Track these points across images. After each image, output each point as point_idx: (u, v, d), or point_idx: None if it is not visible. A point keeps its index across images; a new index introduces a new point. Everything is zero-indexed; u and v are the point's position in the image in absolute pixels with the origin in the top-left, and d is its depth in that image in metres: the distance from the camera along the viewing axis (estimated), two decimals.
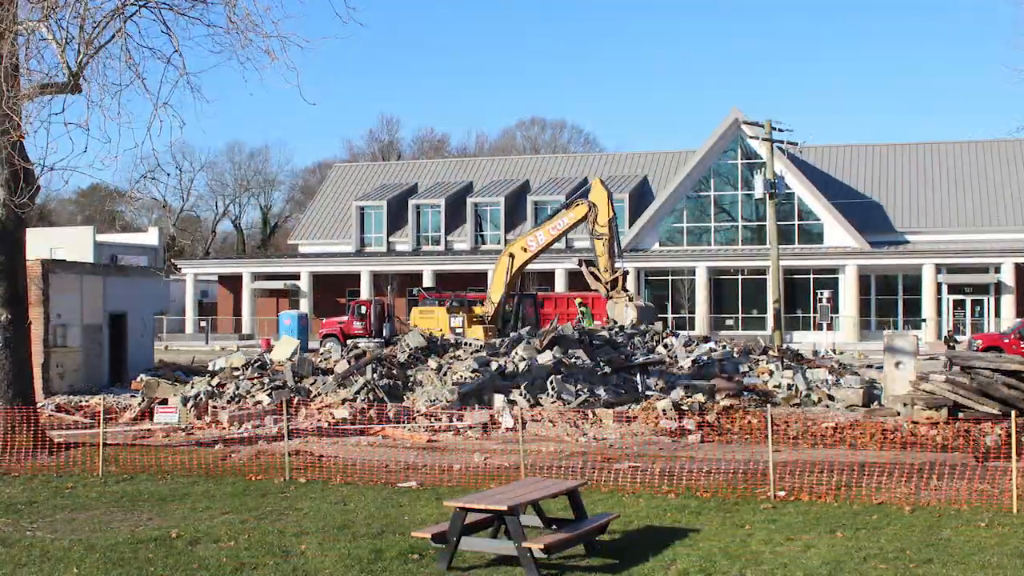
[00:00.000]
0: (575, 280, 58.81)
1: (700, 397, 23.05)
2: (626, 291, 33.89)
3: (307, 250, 69.99)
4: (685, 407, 21.56)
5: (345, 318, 48.54)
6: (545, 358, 25.38)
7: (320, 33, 34.60)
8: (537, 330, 33.78)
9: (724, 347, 31.01)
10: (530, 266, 39.22)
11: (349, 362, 25.05)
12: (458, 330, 36.01)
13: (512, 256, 35.39)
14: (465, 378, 23.95)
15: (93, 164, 30.88)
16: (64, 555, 10.86)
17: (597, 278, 34.66)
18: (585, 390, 23.68)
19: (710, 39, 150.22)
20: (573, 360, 26.04)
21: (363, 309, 47.34)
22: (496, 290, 35.79)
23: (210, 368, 27.25)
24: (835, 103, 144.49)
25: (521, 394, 22.84)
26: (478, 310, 37.31)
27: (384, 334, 43.77)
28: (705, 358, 28.19)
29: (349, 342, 39.04)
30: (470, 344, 28.56)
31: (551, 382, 23.55)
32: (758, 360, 28.50)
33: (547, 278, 59.11)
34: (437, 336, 29.59)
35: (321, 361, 26.49)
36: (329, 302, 64.74)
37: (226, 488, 14.60)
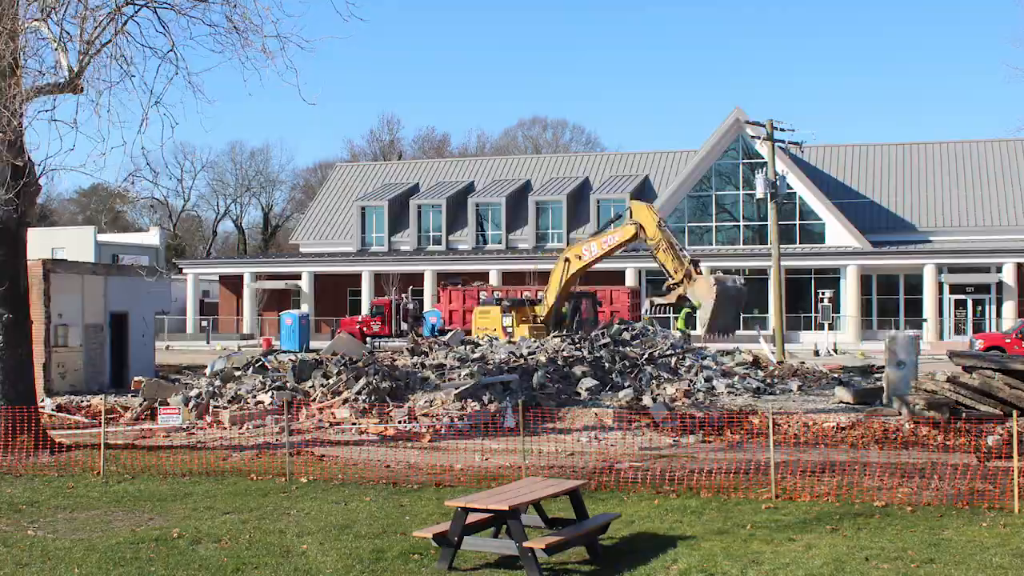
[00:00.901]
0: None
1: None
2: (699, 273, 31.38)
3: (308, 250, 70.00)
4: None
5: (363, 317, 48.79)
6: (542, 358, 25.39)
7: (320, 32, 34.65)
8: (595, 328, 33.61)
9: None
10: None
11: (348, 363, 25.04)
12: (509, 329, 36.14)
13: (567, 261, 35.12)
14: (464, 378, 23.95)
15: (88, 164, 30.77)
16: (65, 555, 10.86)
17: (671, 290, 32.36)
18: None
19: (712, 38, 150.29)
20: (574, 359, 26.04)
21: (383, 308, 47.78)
22: (552, 292, 35.80)
23: (208, 370, 27.26)
24: (836, 103, 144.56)
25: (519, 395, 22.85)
26: (538, 310, 37.11)
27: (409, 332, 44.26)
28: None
29: (368, 341, 39.31)
30: (479, 344, 28.70)
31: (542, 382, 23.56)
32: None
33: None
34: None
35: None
36: (330, 302, 64.77)
37: (227, 488, 14.60)
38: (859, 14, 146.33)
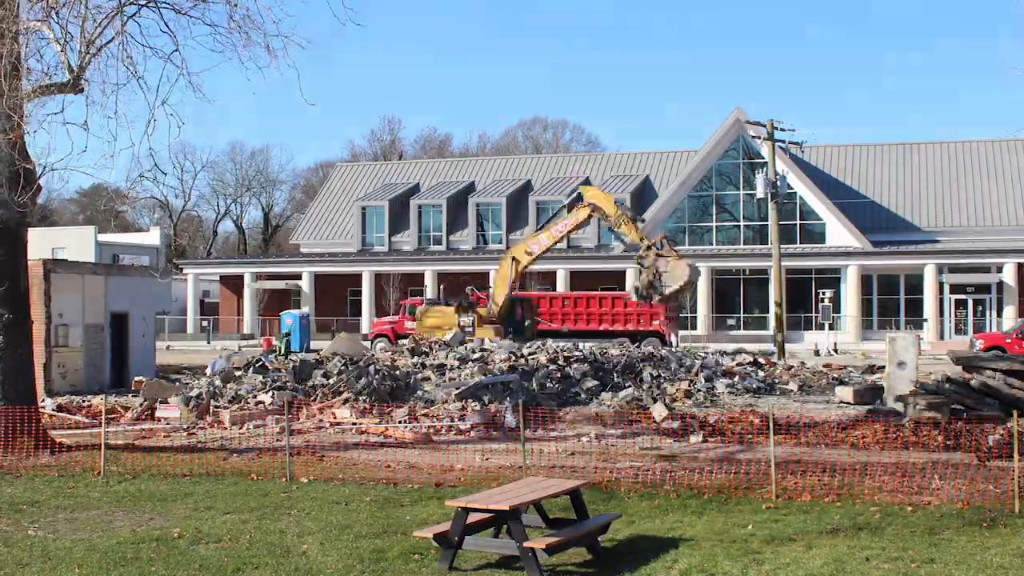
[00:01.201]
0: (577, 281, 58.84)
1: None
2: (674, 250, 33.22)
3: (309, 250, 70.01)
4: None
5: (396, 318, 48.88)
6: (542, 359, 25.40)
7: (320, 32, 34.73)
8: (533, 332, 34.78)
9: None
10: (533, 267, 40.31)
11: (348, 363, 25.05)
12: (467, 329, 36.96)
13: (515, 260, 36.01)
14: (464, 378, 23.96)
15: (94, 164, 30.87)
16: (66, 555, 10.86)
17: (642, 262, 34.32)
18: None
19: (713, 38, 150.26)
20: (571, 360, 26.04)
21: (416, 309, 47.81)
22: (500, 292, 36.77)
23: (208, 369, 27.25)
24: (837, 103, 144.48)
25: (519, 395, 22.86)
26: (481, 311, 38.00)
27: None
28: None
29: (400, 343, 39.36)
30: (486, 348, 28.66)
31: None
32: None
33: (547, 278, 59.07)
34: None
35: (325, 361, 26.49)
36: (331, 302, 64.79)
37: (228, 488, 14.60)
38: (860, 14, 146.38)
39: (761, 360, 32.22)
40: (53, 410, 23.72)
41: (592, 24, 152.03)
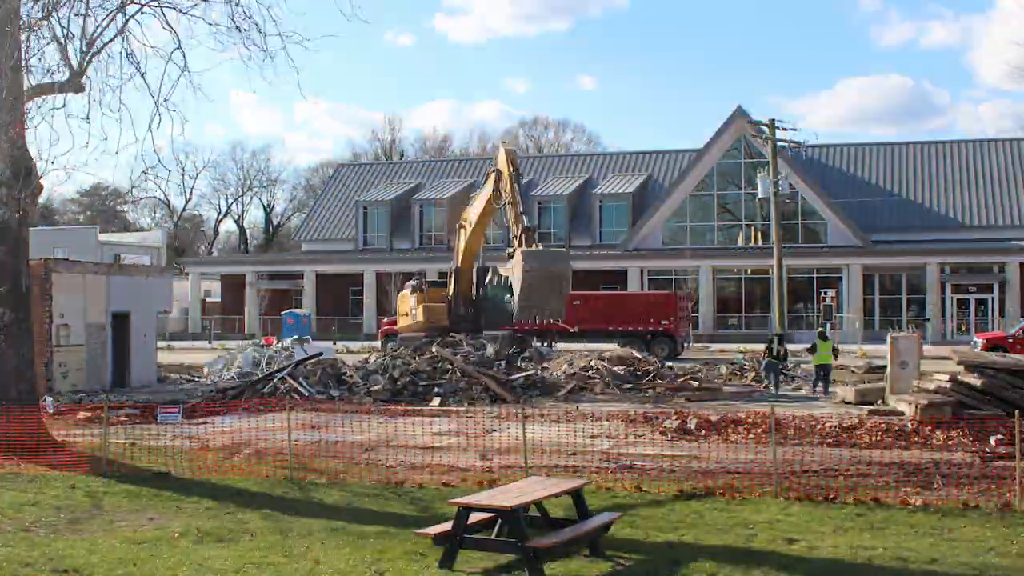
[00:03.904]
0: (579, 279, 58.78)
1: None
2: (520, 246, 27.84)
3: (310, 249, 70.03)
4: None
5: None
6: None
7: (323, 30, 34.71)
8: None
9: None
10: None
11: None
12: (413, 311, 34.77)
13: (461, 227, 32.99)
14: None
15: (91, 162, 30.89)
16: (67, 555, 10.85)
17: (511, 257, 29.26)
18: None
19: (715, 37, 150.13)
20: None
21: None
22: (457, 260, 33.48)
23: (206, 368, 27.21)
24: (838, 102, 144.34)
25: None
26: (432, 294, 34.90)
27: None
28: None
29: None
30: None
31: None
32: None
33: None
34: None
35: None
36: (332, 302, 64.75)
37: (229, 487, 14.59)
38: (861, 15, 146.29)
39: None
40: (54, 409, 23.70)
41: (593, 22, 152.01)
